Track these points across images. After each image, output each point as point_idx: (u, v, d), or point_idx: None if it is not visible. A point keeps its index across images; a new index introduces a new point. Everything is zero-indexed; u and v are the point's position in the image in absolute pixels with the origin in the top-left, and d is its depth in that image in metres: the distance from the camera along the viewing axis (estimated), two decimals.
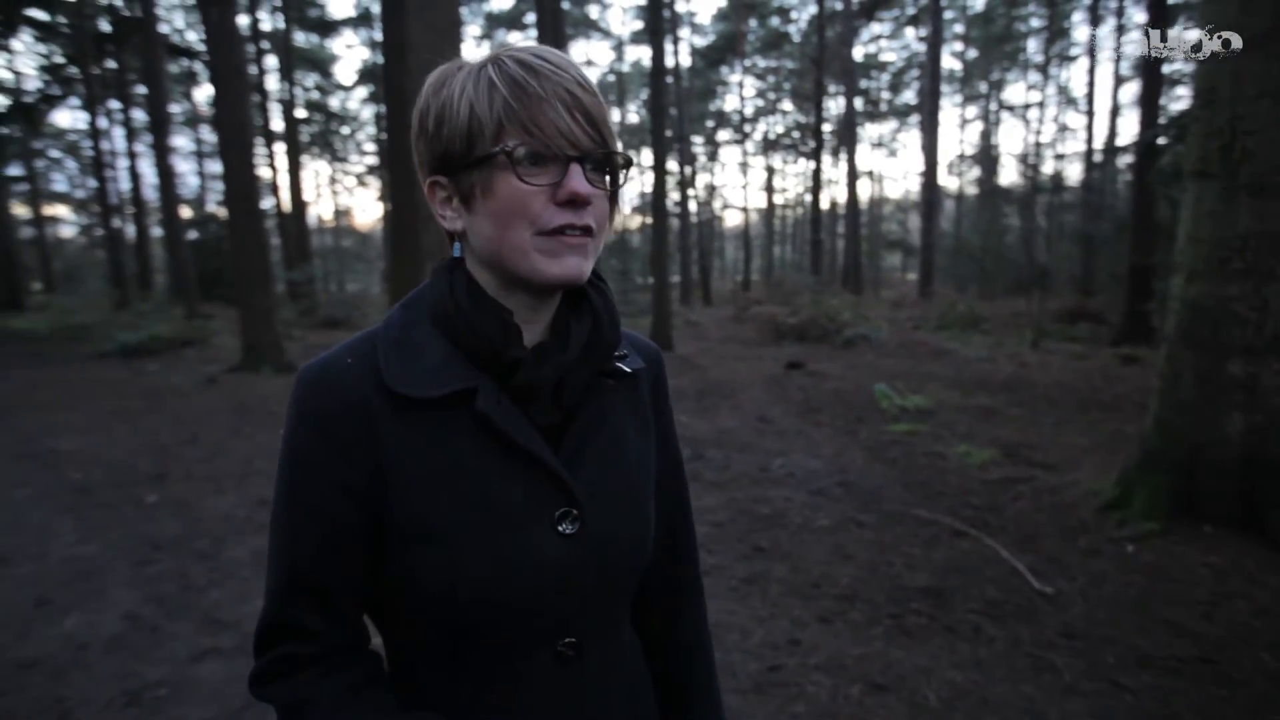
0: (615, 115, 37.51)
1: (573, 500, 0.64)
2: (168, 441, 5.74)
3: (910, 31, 29.19)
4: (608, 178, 0.64)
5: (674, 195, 22.76)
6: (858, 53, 27.03)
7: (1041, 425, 5.96)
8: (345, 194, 46.29)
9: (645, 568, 0.74)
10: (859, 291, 21.59)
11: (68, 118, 53.76)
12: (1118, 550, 3.37)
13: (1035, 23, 27.48)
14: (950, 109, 33.57)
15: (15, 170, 27.43)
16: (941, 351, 10.45)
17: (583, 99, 0.61)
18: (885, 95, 33.91)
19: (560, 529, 0.64)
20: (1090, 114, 23.95)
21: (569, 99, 0.60)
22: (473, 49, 32.30)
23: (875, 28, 29.17)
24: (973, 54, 31.22)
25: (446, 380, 0.62)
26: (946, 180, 35.41)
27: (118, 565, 3.42)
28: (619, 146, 0.65)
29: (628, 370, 0.71)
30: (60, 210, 34.42)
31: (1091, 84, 29.83)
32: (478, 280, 0.66)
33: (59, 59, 21.06)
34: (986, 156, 30.40)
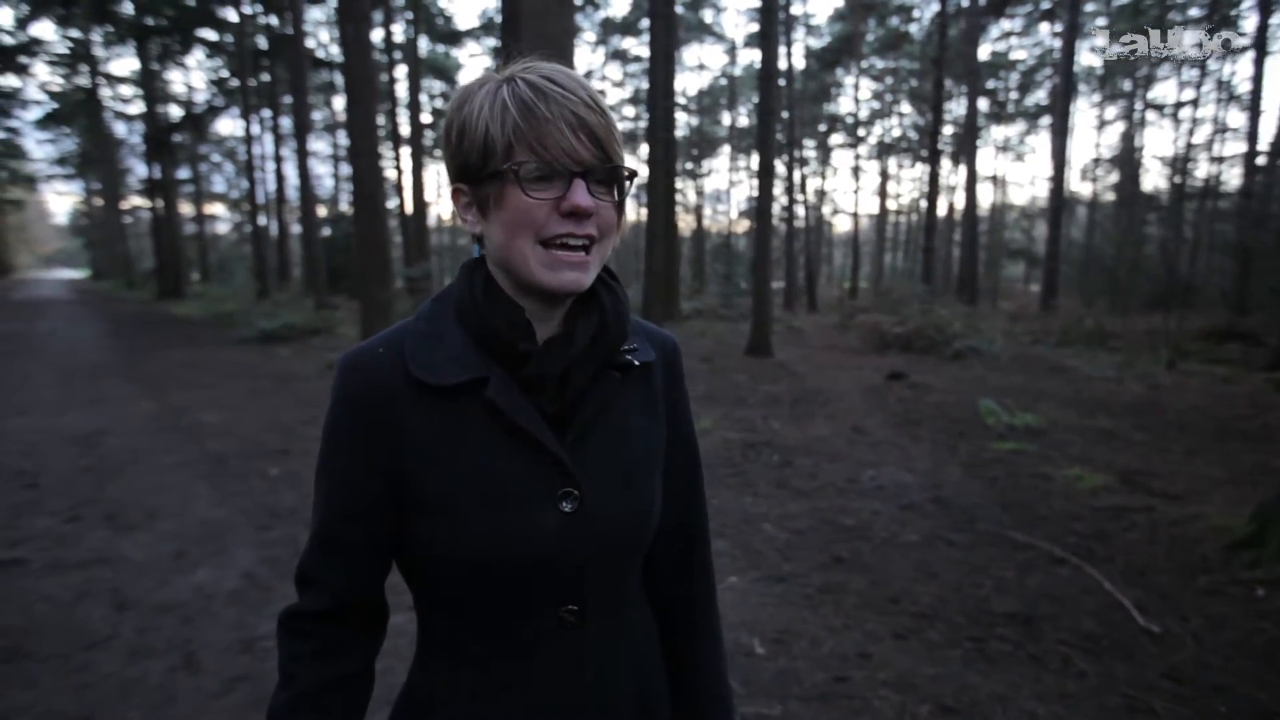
0: (725, 119, 37.32)
1: (572, 481, 0.70)
2: (290, 421, 6.28)
3: (1044, 27, 27.34)
4: (614, 190, 0.70)
5: (781, 200, 22.40)
6: (984, 51, 25.62)
7: (1169, 453, 5.45)
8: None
9: (648, 545, 0.78)
10: (973, 302, 20.43)
11: (227, 126, 59.51)
12: (1244, 593, 3.06)
13: (1194, 11, 25.03)
14: (1087, 110, 31.13)
15: (183, 173, 30.71)
16: (1060, 368, 9.74)
17: (588, 119, 0.66)
18: (1013, 96, 31.90)
19: (561, 507, 0.70)
20: (1256, 112, 21.53)
21: (574, 120, 0.66)
22: (586, 55, 33.12)
23: (1005, 24, 27.52)
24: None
25: (462, 369, 0.69)
26: (1079, 186, 32.86)
27: (241, 529, 3.79)
28: (624, 159, 0.70)
29: (635, 363, 0.76)
30: (217, 209, 38.20)
31: (1259, 78, 26.80)
32: (496, 279, 0.73)
33: (223, 73, 23.45)
34: (1127, 160, 27.96)
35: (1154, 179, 28.57)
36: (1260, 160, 19.99)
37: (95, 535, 3.67)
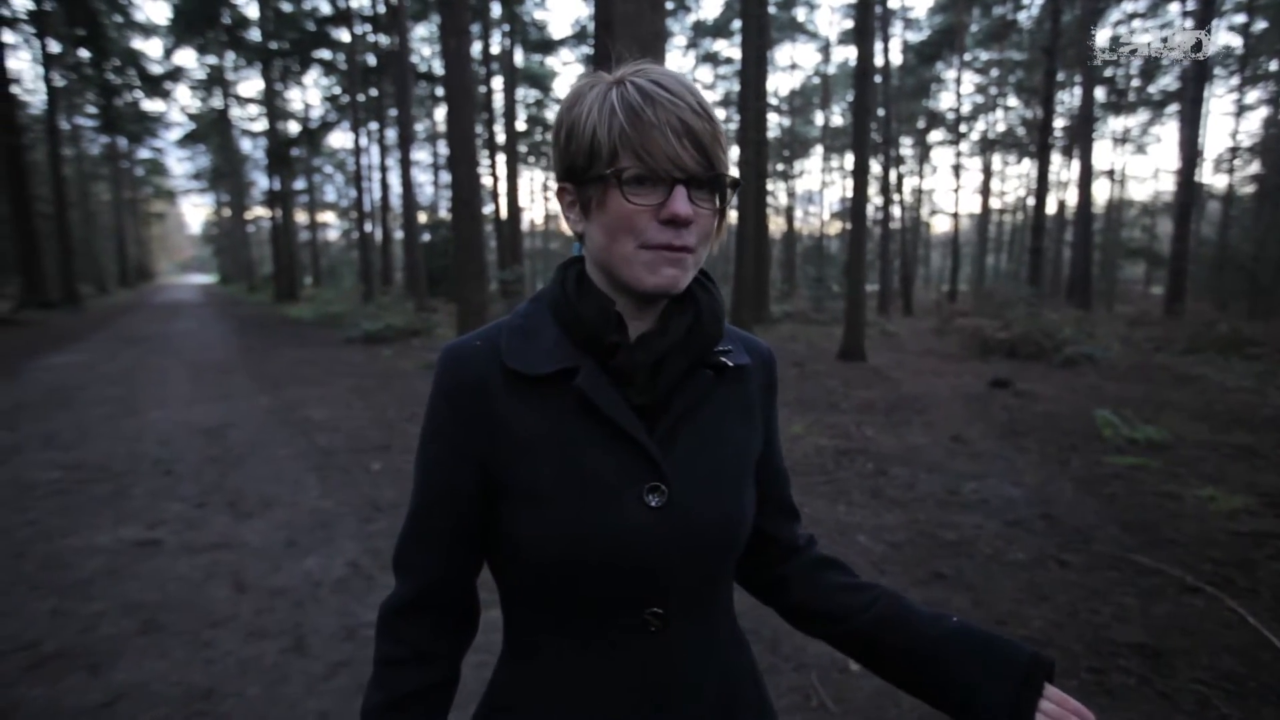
0: (819, 119, 36.50)
1: (660, 475, 0.69)
2: (393, 417, 6.59)
3: (1174, 7, 25.20)
4: (715, 196, 0.70)
5: (876, 200, 21.69)
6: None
7: None
8: (555, 201, 49.89)
9: (738, 553, 0.76)
10: (1087, 306, 19.09)
11: (338, 139, 63.54)
12: None
13: None
14: (1224, 95, 28.49)
15: (299, 184, 33.00)
16: (1188, 378, 8.93)
17: (694, 125, 0.66)
18: (1135, 83, 29.59)
19: (648, 501, 0.69)
20: None
21: (680, 127, 0.65)
22: (678, 58, 33.18)
23: (1126, 6, 25.56)
24: (1261, 25, 26.20)
25: (553, 359, 0.70)
26: (1212, 178, 30.08)
27: (346, 520, 4.00)
28: (728, 168, 0.70)
29: (729, 364, 0.76)
30: (328, 217, 40.78)
31: None
32: (590, 276, 0.74)
33: (336, 90, 25.01)
34: (1271, 148, 25.37)
35: None
36: None
37: (219, 520, 3.96)
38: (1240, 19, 26.00)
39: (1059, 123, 25.27)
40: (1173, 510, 4.14)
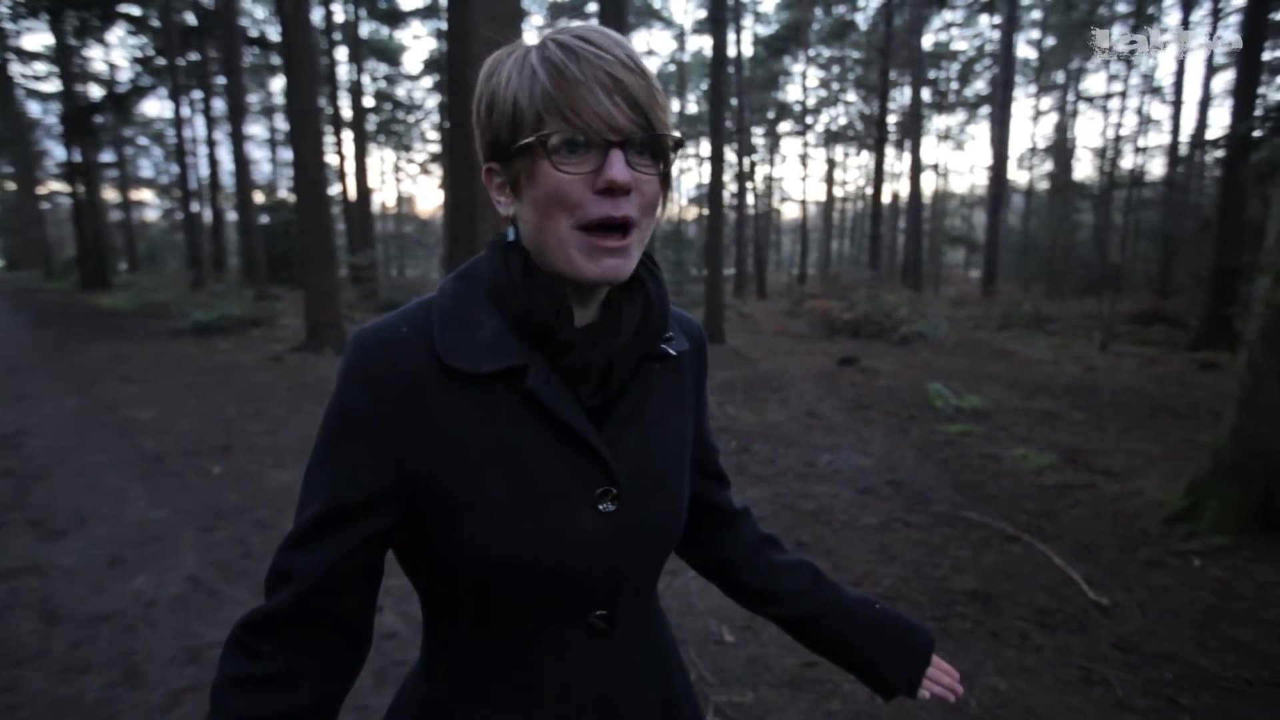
0: (674, 105, 37.27)
1: (613, 480, 0.66)
2: (233, 416, 6.02)
3: (984, 19, 28.08)
4: (657, 162, 0.62)
5: (731, 187, 22.52)
6: (927, 41, 26.18)
7: (1106, 431, 5.69)
8: (408, 181, 47.57)
9: (675, 545, 0.77)
10: (918, 288, 20.98)
11: (155, 107, 56.63)
12: (1183, 564, 3.21)
13: (1121, 8, 26.02)
14: (1023, 100, 32.22)
15: (107, 157, 29.09)
16: (1002, 352, 10.09)
17: (626, 81, 0.59)
18: (954, 86, 32.75)
19: (600, 507, 0.65)
20: (1178, 104, 22.57)
21: (609, 82, 0.58)
22: (535, 38, 32.60)
23: (946, 15, 28.16)
24: (1050, 42, 29.82)
25: (498, 356, 0.63)
26: (1016, 175, 34.00)
27: (184, 531, 3.61)
28: (670, 128, 0.62)
29: (673, 353, 0.72)
30: (145, 195, 36.40)
31: (1180, 72, 28.04)
32: (534, 261, 0.67)
33: (149, 51, 22.22)
34: (1061, 150, 29.05)
35: (1085, 168, 29.76)
36: (1181, 151, 20.99)
37: (19, 543, 3.43)
38: (1036, 35, 29.48)
39: (892, 118, 27.44)
40: (994, 470, 4.66)
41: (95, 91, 24.43)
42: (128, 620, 2.75)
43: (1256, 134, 8.36)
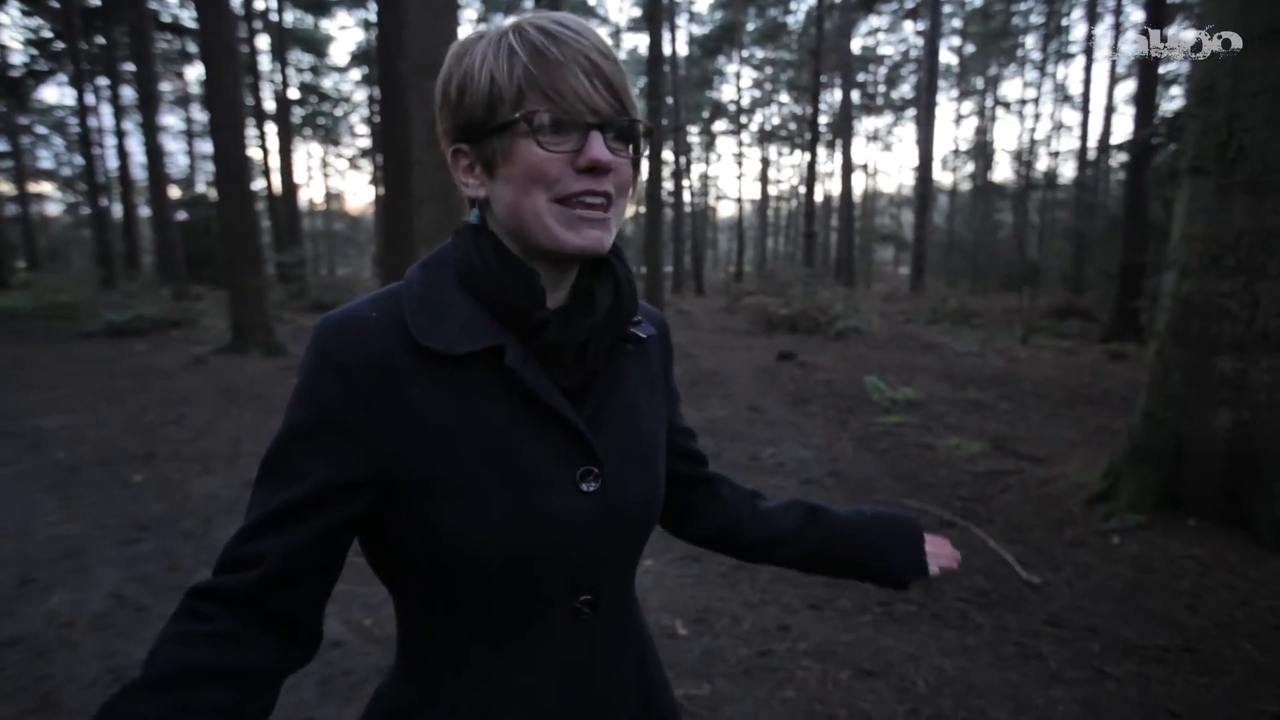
0: None
1: (595, 459, 0.65)
2: (155, 421, 5.69)
3: (909, 25, 29.17)
4: (630, 146, 0.64)
5: (668, 185, 22.67)
6: (855, 45, 26.99)
7: (1030, 419, 5.99)
8: (337, 177, 45.96)
9: (654, 525, 0.77)
10: (851, 284, 21.62)
11: (55, 94, 52.99)
12: (1103, 542, 3.40)
13: (1034, 19, 27.47)
14: (946, 104, 33.65)
15: (0, 146, 27.05)
16: (932, 345, 10.49)
17: (603, 66, 0.61)
18: (881, 89, 33.90)
19: (582, 487, 0.65)
20: (1086, 111, 23.99)
21: (589, 66, 0.60)
22: (467, 31, 32.06)
23: (874, 20, 29.10)
24: (970, 49, 31.22)
25: (474, 337, 0.62)
26: (941, 175, 35.45)
27: (103, 545, 3.38)
28: (640, 114, 0.65)
29: (643, 336, 0.73)
30: (46, 187, 34.03)
31: (1088, 81, 29.82)
32: (504, 243, 0.66)
33: (46, 33, 20.70)
34: (981, 152, 30.44)
35: (1004, 170, 31.26)
36: (1090, 155, 22.28)
37: None
38: (957, 41, 30.76)
39: (823, 119, 28.17)
40: (929, 459, 4.84)
41: None
42: (42, 643, 2.55)
43: (1155, 140, 8.97)
